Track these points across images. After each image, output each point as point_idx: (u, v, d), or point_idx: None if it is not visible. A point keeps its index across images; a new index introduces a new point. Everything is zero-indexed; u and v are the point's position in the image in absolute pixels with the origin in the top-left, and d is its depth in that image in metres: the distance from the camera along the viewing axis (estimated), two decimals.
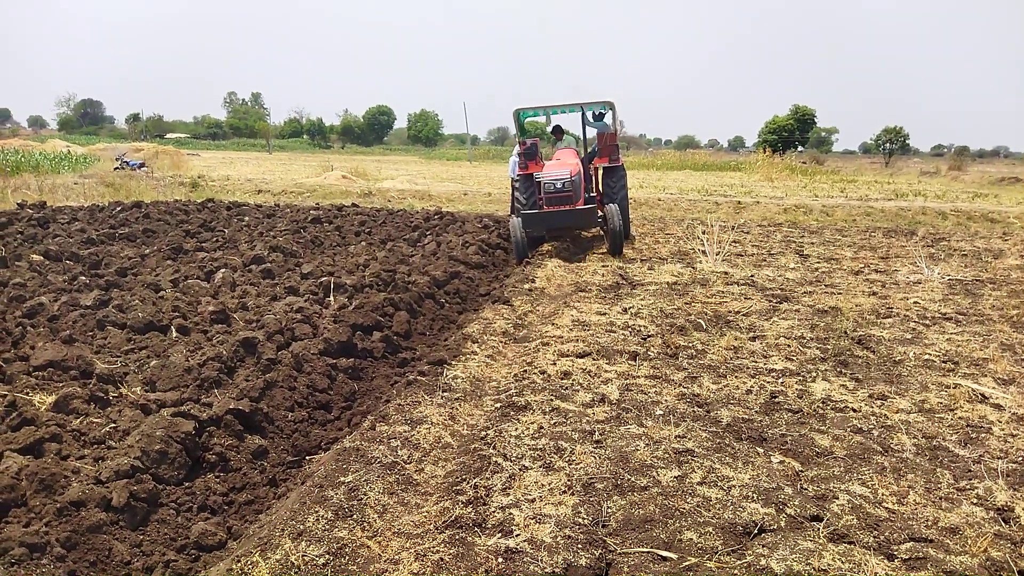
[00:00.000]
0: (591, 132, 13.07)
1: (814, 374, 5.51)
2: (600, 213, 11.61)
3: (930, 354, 6.00)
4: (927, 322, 7.13)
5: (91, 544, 3.10)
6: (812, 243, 13.13)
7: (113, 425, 4.23)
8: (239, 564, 2.88)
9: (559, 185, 10.68)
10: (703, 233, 12.53)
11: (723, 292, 8.50)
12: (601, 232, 12.52)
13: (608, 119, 12.92)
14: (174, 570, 3.16)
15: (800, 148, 65.20)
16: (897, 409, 4.80)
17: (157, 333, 6.17)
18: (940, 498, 3.57)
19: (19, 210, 13.42)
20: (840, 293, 8.52)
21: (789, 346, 6.24)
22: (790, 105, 65.00)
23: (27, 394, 4.55)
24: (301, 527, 3.14)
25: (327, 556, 2.96)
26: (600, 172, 12.52)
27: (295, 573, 2.82)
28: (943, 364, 5.75)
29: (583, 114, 12.71)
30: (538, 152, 11.95)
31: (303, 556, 2.93)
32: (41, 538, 2.98)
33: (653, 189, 27.57)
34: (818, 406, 4.84)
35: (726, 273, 9.78)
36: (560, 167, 11.11)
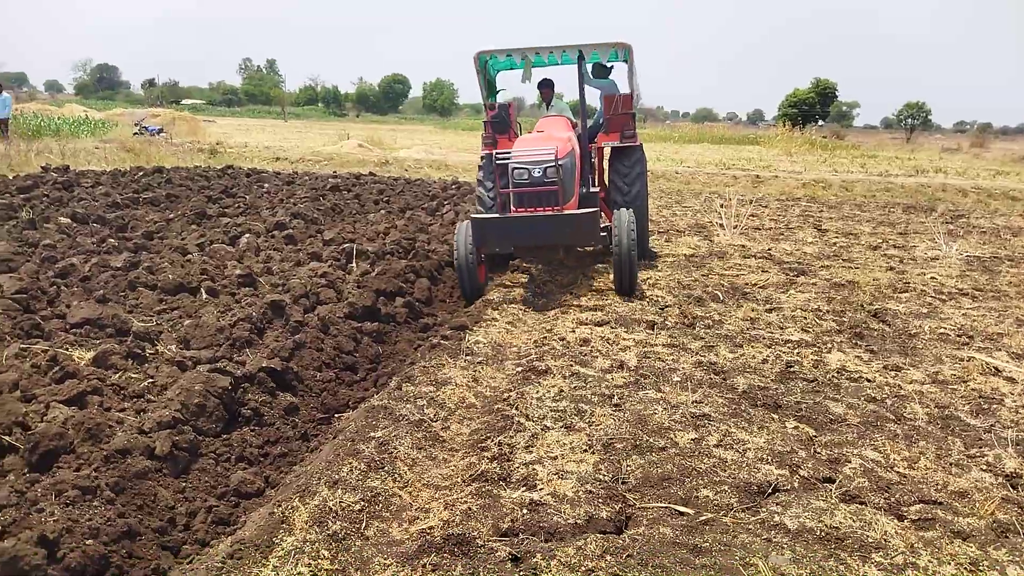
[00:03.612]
0: (593, 94, 8.44)
1: (830, 345, 5.61)
2: (604, 222, 7.26)
3: (945, 328, 6.08)
4: (943, 297, 7.19)
5: (138, 489, 3.27)
6: (830, 218, 13.13)
7: (151, 380, 4.40)
8: (280, 508, 3.04)
9: (536, 172, 6.38)
10: (720, 207, 12.54)
11: (740, 265, 8.58)
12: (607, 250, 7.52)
13: (614, 74, 8.85)
14: (216, 514, 3.34)
15: (821, 122, 64.49)
16: (911, 380, 4.90)
17: (187, 294, 6.34)
18: (950, 464, 3.69)
19: (44, 173, 13.62)
20: (857, 267, 8.58)
21: (805, 318, 6.33)
22: (811, 78, 64.08)
23: (66, 350, 4.73)
24: (336, 476, 3.30)
25: (362, 503, 3.12)
26: (606, 156, 8.84)
27: (332, 517, 2.99)
28: (958, 338, 5.83)
29: (580, 65, 7.73)
30: (512, 121, 8.27)
31: (339, 502, 3.10)
32: (92, 482, 3.15)
33: (670, 162, 27.51)
34: (833, 376, 4.94)
35: (743, 246, 9.84)
36: (541, 142, 6.80)
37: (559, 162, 6.43)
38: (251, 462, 3.86)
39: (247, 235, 8.84)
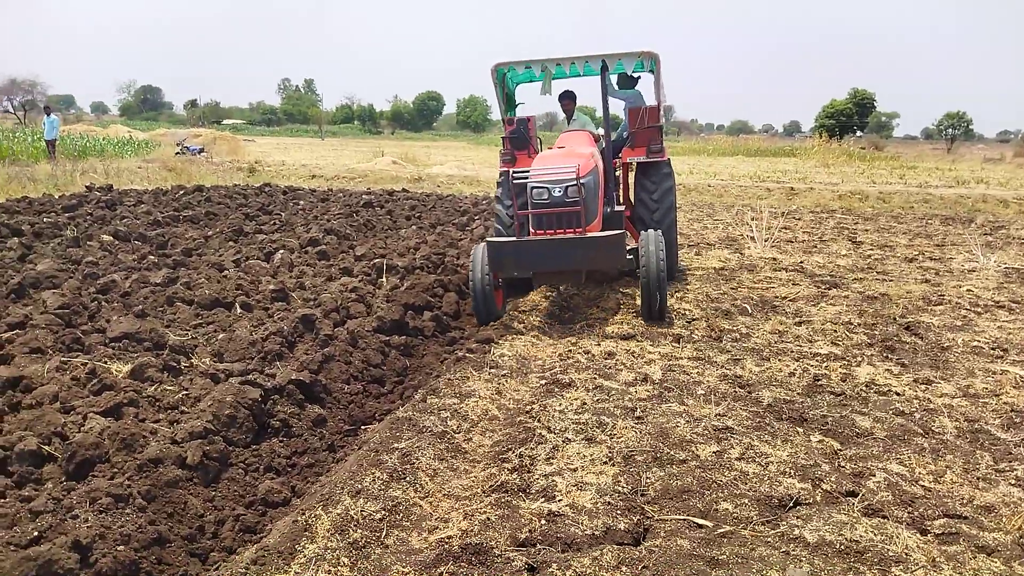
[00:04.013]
0: (618, 106, 8.29)
1: (859, 359, 5.54)
2: (631, 243, 6.98)
3: (979, 341, 5.96)
4: (979, 310, 7.05)
5: (169, 497, 3.38)
6: (866, 230, 12.95)
7: (185, 392, 4.54)
8: (304, 517, 3.12)
9: (557, 192, 6.07)
10: (751, 219, 12.44)
11: (771, 278, 8.51)
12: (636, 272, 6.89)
13: (640, 85, 8.54)
14: (243, 523, 3.43)
15: (859, 133, 63.61)
16: (941, 394, 4.82)
17: (222, 309, 6.52)
18: (977, 478, 3.63)
19: (88, 192, 14.10)
20: (891, 280, 8.45)
21: (835, 331, 6.26)
22: (848, 89, 63.21)
23: (105, 363, 4.90)
24: (359, 486, 3.37)
25: (383, 512, 3.19)
26: (630, 172, 8.34)
27: (354, 525, 3.06)
28: (992, 351, 5.72)
29: (604, 76, 7.26)
30: (532, 136, 7.90)
31: (361, 511, 3.17)
32: (125, 490, 3.27)
33: (703, 175, 27.36)
34: (861, 389, 4.89)
35: (774, 259, 9.76)
36: (561, 159, 6.44)
37: (581, 181, 6.10)
38: (279, 472, 3.96)
39: (281, 251, 9.04)
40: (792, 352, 5.68)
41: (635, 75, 8.40)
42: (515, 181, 6.38)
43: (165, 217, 11.75)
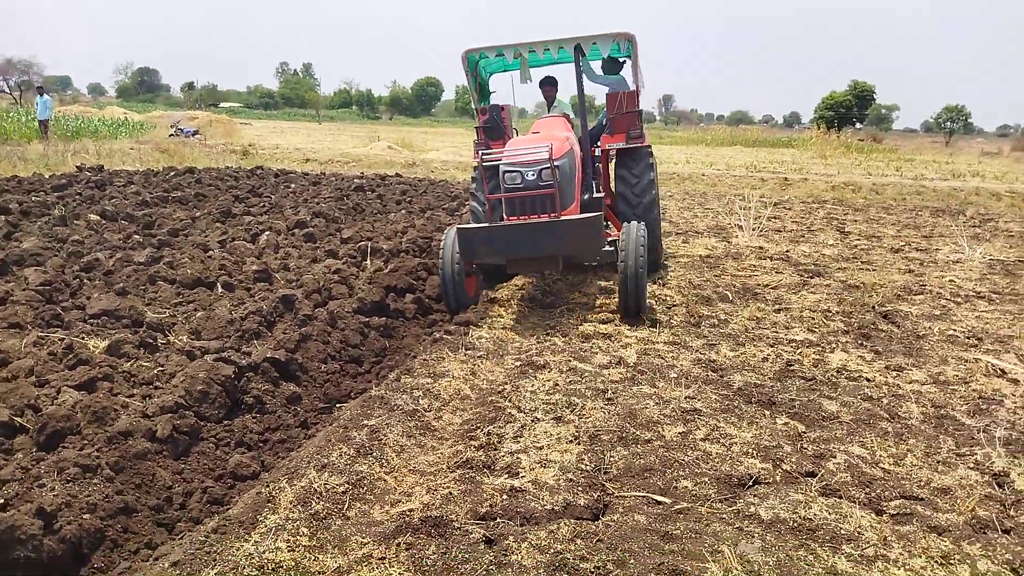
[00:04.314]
0: (594, 89, 8.29)
1: (834, 345, 5.60)
2: (613, 233, 7.09)
3: (955, 330, 6.02)
4: (959, 300, 7.10)
5: (137, 469, 3.42)
6: (855, 220, 12.98)
7: (160, 368, 4.57)
8: (267, 489, 3.17)
9: (530, 175, 5.88)
10: (740, 208, 12.47)
11: (755, 266, 8.55)
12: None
13: (626, 70, 8.16)
14: (211, 495, 3.47)
15: (858, 125, 63.59)
16: (911, 380, 4.87)
17: (204, 289, 6.54)
18: (938, 462, 3.68)
19: (78, 173, 14.07)
20: (875, 270, 8.50)
21: (813, 318, 6.31)
22: (848, 81, 63.09)
23: (82, 339, 4.93)
24: (325, 461, 3.42)
25: (346, 486, 3.24)
26: (611, 159, 7.95)
27: (317, 498, 3.10)
28: (967, 340, 5.77)
29: (578, 59, 7.11)
30: (507, 126, 7.79)
31: (325, 484, 3.22)
32: (93, 461, 3.31)
33: (700, 164, 27.37)
34: (832, 375, 4.94)
35: (761, 248, 9.80)
36: (535, 142, 6.24)
37: (555, 163, 5.89)
38: (250, 447, 4.00)
39: (267, 233, 9.05)
40: (768, 338, 5.72)
41: (620, 60, 8.12)
42: (485, 164, 6.21)
43: (154, 198, 11.74)
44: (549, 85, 7.91)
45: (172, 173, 15.42)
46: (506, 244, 5.87)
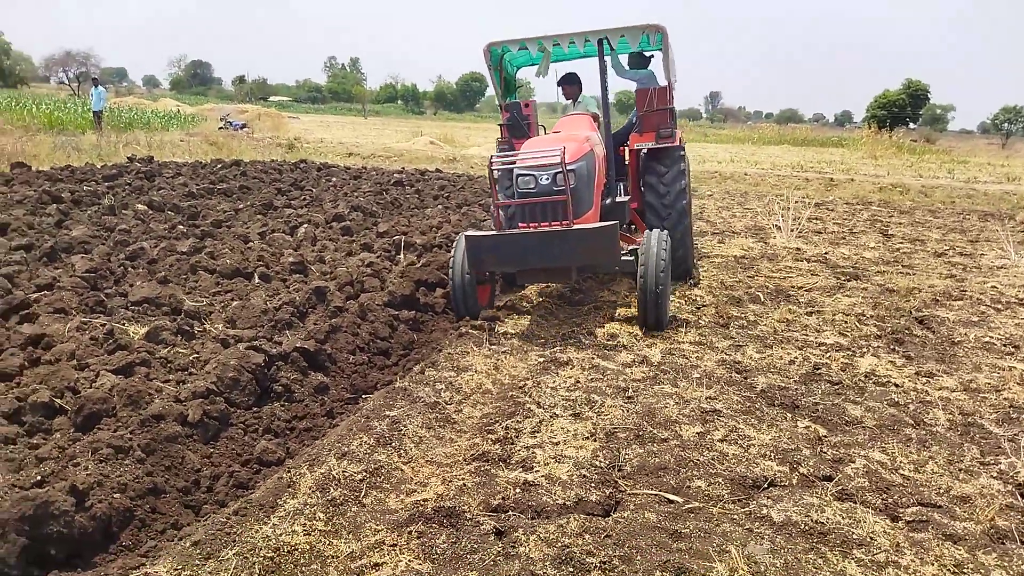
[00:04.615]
0: (623, 85, 8.01)
1: (864, 350, 5.52)
2: (630, 243, 6.54)
3: (992, 337, 5.88)
4: (999, 306, 6.92)
5: (167, 451, 3.56)
6: (900, 223, 12.69)
7: (196, 355, 4.74)
8: (288, 475, 3.28)
9: (544, 179, 5.58)
10: (779, 208, 12.30)
11: (790, 268, 8.45)
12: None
13: (656, 63, 7.75)
14: (237, 479, 3.60)
15: (912, 125, 61.99)
16: (941, 387, 4.79)
17: (242, 279, 6.73)
18: (960, 470, 3.62)
19: (129, 163, 14.52)
20: (914, 274, 8.32)
21: (845, 322, 6.22)
22: (903, 79, 61.47)
23: (123, 325, 5.13)
24: (346, 449, 3.52)
25: (364, 474, 3.33)
26: (638, 160, 7.47)
27: (335, 484, 3.20)
28: (1003, 347, 5.64)
29: (601, 52, 6.83)
30: (532, 123, 7.51)
31: (344, 472, 3.32)
32: (125, 442, 3.46)
33: (744, 163, 27.01)
34: (860, 379, 4.88)
35: (798, 249, 9.66)
36: (550, 143, 5.93)
37: (570, 167, 5.56)
38: (277, 434, 4.12)
39: (306, 225, 9.25)
40: (796, 341, 5.67)
41: (649, 54, 7.82)
42: (493, 168, 5.78)
43: (200, 189, 12.07)
44: (569, 83, 7.57)
45: (219, 165, 15.81)
46: (515, 254, 5.50)
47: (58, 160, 14.93)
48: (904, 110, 61.15)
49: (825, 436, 3.98)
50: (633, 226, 7.54)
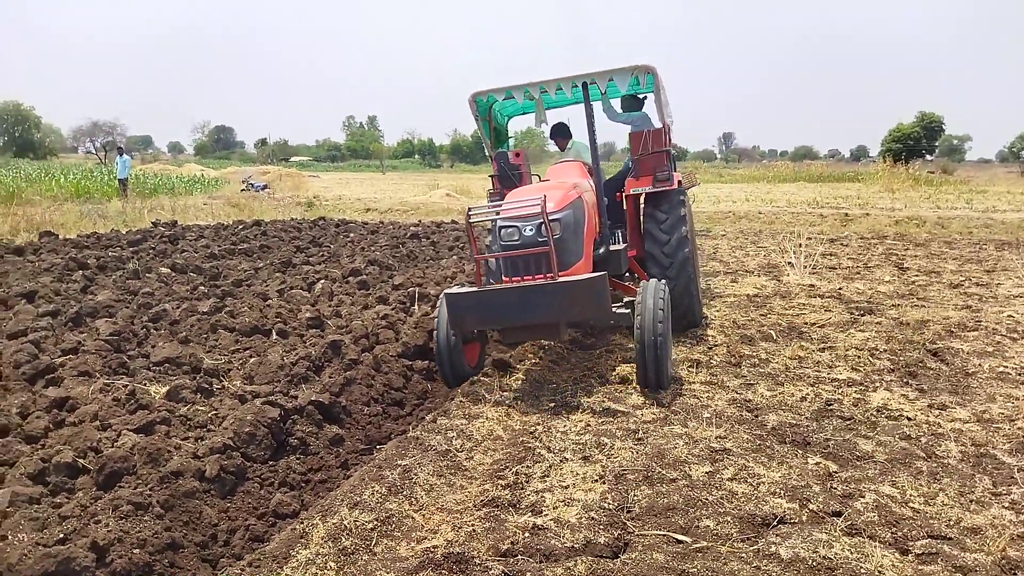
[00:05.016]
0: (617, 129, 7.72)
1: (877, 384, 5.51)
2: (629, 293, 6.40)
3: (1007, 367, 5.84)
4: (1015, 335, 6.87)
5: (185, 507, 3.66)
6: (915, 256, 12.65)
7: (214, 412, 4.86)
8: (302, 525, 3.36)
9: (528, 230, 5.30)
10: (792, 246, 12.34)
11: (803, 304, 8.46)
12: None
13: (650, 105, 7.59)
14: (253, 532, 3.68)
15: (928, 157, 61.92)
16: (954, 419, 4.77)
17: (261, 336, 6.89)
18: (971, 501, 3.61)
19: (153, 228, 14.95)
20: (929, 306, 8.29)
21: (858, 357, 6.21)
22: (916, 112, 61.65)
23: (145, 385, 5.28)
24: (357, 499, 3.59)
25: (375, 523, 3.39)
26: (637, 206, 7.30)
27: (346, 534, 3.27)
28: (1018, 377, 5.59)
29: (587, 97, 6.57)
30: (524, 172, 7.33)
31: (355, 521, 3.38)
32: (145, 499, 3.56)
33: (758, 202, 27.08)
34: (872, 414, 4.87)
35: (812, 286, 9.67)
36: (531, 193, 5.77)
37: (554, 216, 5.34)
38: (292, 487, 4.20)
39: (323, 281, 9.45)
40: (808, 377, 5.68)
41: (642, 96, 7.74)
42: (472, 220, 5.46)
43: (222, 250, 12.38)
44: (560, 136, 7.52)
45: (240, 226, 16.21)
46: (496, 311, 5.13)
47: (85, 227, 15.41)
48: (919, 143, 61.19)
49: (835, 472, 3.98)
50: (633, 275, 7.33)
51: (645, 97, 7.76)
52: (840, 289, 9.40)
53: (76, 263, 9.98)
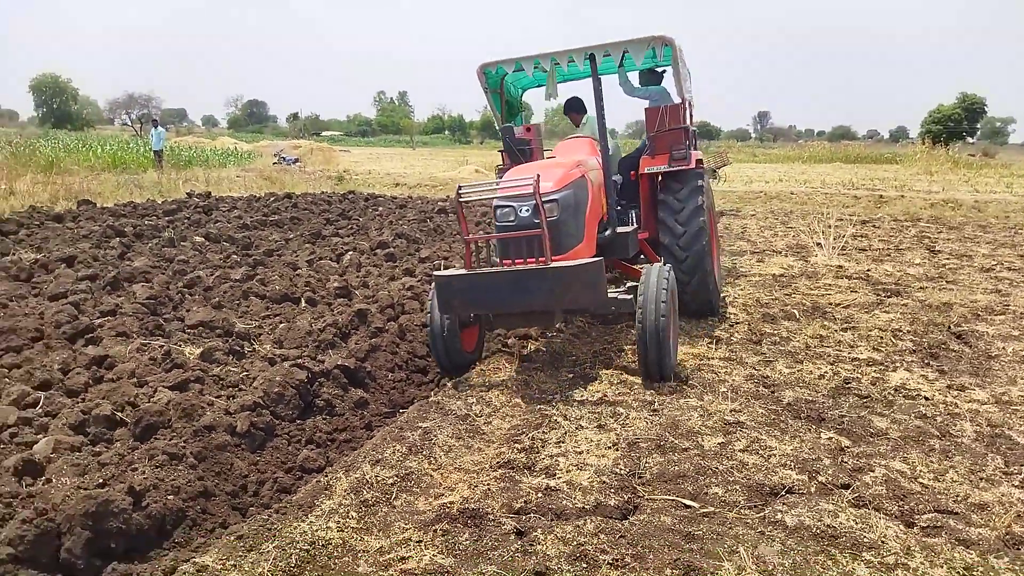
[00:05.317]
0: (635, 104, 7.27)
1: (897, 364, 5.52)
2: (628, 280, 6.20)
3: None
4: None
5: (217, 459, 3.85)
6: (948, 239, 12.47)
7: (245, 373, 5.05)
8: (326, 479, 3.52)
9: (524, 211, 4.97)
10: (822, 226, 12.23)
11: (830, 285, 8.43)
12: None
13: (667, 81, 7.28)
14: (280, 484, 3.86)
15: (970, 139, 60.47)
16: (972, 399, 4.78)
17: (290, 303, 7.09)
18: (981, 479, 3.65)
19: (188, 199, 15.27)
20: (957, 289, 8.22)
21: (881, 338, 6.22)
22: (957, 93, 60.10)
23: (180, 346, 5.49)
24: (379, 457, 3.75)
25: (395, 479, 3.55)
26: (652, 186, 6.81)
27: (368, 488, 3.43)
28: None
29: (595, 70, 5.95)
30: (534, 148, 7.04)
31: (376, 477, 3.54)
32: (179, 450, 3.76)
33: (792, 182, 26.77)
34: (889, 393, 4.90)
35: (840, 267, 9.62)
36: (529, 171, 5.27)
37: (552, 196, 4.97)
38: (318, 445, 4.38)
39: (351, 252, 9.63)
40: (828, 356, 5.70)
41: (660, 69, 7.33)
42: (463, 199, 5.09)
43: (254, 221, 12.63)
44: (572, 109, 7.07)
45: (272, 198, 16.48)
46: (487, 295, 4.83)
47: (121, 197, 15.78)
48: (960, 124, 59.74)
49: (848, 447, 4.04)
50: (644, 256, 6.91)
51: (664, 71, 7.42)
52: (868, 271, 9.33)
53: (114, 230, 10.28)
